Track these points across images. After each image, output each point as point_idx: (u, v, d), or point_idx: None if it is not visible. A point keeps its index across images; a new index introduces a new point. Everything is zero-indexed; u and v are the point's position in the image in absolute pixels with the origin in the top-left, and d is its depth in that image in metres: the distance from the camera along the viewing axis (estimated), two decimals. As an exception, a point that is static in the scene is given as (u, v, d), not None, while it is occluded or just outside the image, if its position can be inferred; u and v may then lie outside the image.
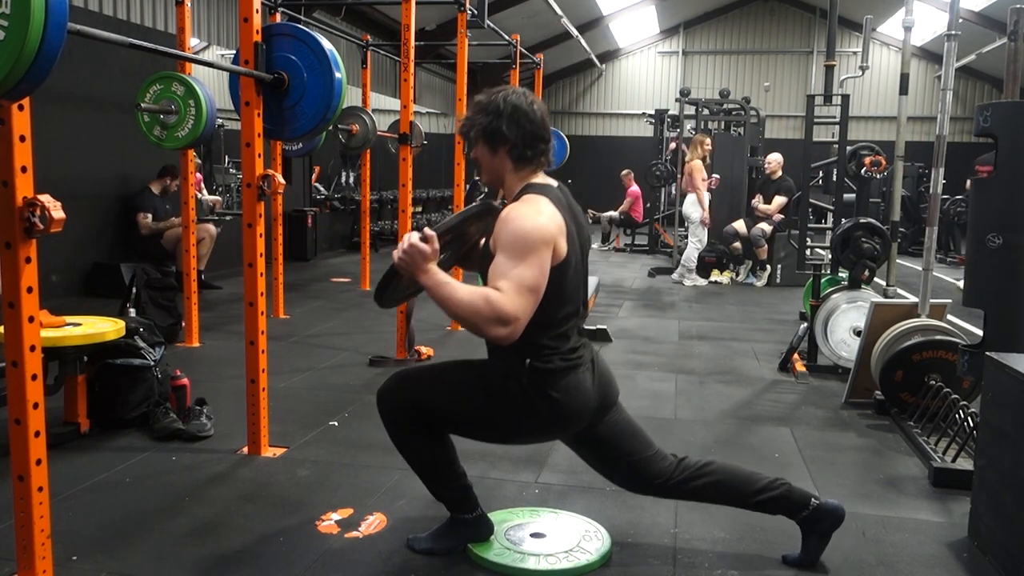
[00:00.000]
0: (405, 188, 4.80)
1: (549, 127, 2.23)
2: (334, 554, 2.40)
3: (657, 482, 2.34)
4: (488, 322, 1.96)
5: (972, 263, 3.15)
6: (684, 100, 10.98)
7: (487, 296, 1.97)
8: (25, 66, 1.70)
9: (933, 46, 16.04)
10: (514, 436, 2.37)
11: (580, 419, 2.22)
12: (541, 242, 2.02)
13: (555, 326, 2.15)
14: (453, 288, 2.00)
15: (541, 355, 2.13)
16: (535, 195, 2.13)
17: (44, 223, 1.98)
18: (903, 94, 4.63)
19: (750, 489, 2.34)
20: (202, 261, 6.51)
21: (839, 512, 2.37)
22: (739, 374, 4.82)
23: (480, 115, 2.18)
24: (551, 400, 2.14)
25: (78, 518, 2.59)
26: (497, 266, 2.02)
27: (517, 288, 1.97)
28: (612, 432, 2.32)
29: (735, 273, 8.94)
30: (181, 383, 3.59)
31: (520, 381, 2.13)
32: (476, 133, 2.20)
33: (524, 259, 2.00)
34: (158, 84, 4.59)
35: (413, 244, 2.02)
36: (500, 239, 2.05)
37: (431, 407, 2.24)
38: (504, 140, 2.16)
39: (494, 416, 2.21)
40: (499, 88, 2.23)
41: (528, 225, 2.03)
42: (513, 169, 2.20)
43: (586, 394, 2.20)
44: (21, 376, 2.02)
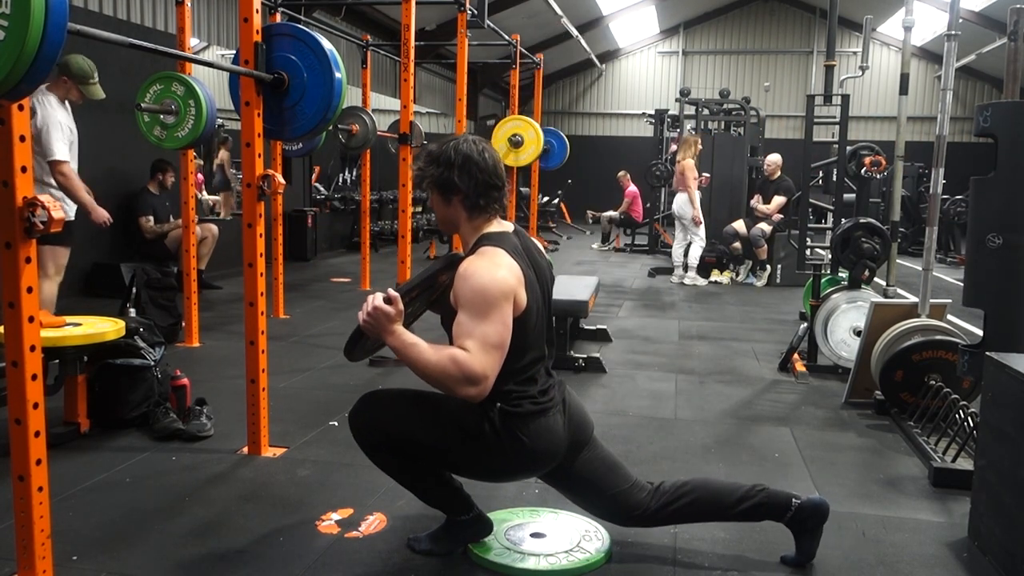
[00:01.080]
0: (405, 188, 4.80)
1: (502, 174, 2.24)
2: (334, 554, 2.40)
3: (636, 514, 2.34)
4: (458, 383, 1.99)
5: (972, 263, 3.15)
6: (684, 100, 10.99)
7: (454, 357, 1.99)
8: (25, 66, 1.70)
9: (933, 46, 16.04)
10: (485, 474, 2.34)
11: (551, 459, 2.23)
12: (502, 296, 2.04)
13: (523, 372, 2.17)
14: (420, 350, 2.02)
15: (510, 399, 2.15)
16: (491, 247, 2.14)
17: (44, 223, 1.98)
18: (903, 94, 4.63)
19: (729, 500, 2.34)
20: (203, 261, 6.51)
21: (823, 507, 2.36)
22: (739, 374, 4.82)
23: (431, 166, 2.20)
24: (521, 443, 2.15)
25: (78, 518, 2.59)
26: (461, 324, 2.03)
27: (483, 346, 2.00)
28: (587, 469, 2.32)
29: (735, 273, 8.94)
30: (181, 383, 3.59)
31: (493, 423, 2.14)
32: (428, 184, 2.23)
33: (486, 316, 2.01)
34: (158, 84, 4.59)
35: (377, 307, 2.04)
36: (460, 297, 2.06)
37: (401, 436, 2.23)
38: (456, 190, 2.18)
39: (466, 453, 2.20)
40: (450, 137, 2.25)
41: (486, 281, 2.04)
42: (467, 219, 2.22)
43: (557, 436, 2.21)
44: (21, 376, 2.02)
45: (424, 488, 2.34)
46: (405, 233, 4.80)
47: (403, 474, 2.32)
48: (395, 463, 2.30)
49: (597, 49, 17.66)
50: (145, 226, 6.48)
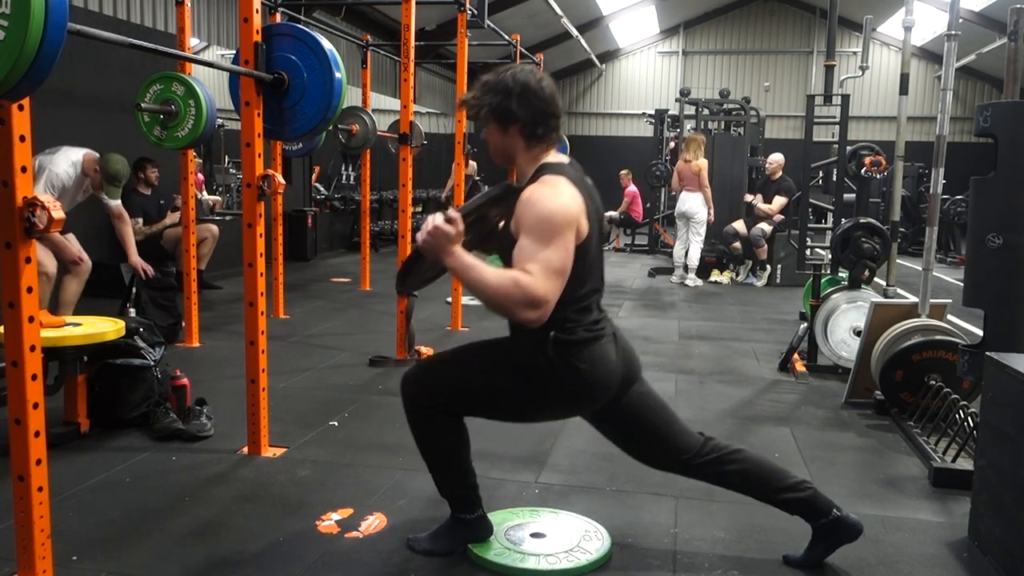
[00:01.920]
0: (405, 188, 4.80)
1: (559, 103, 2.20)
2: (334, 554, 2.40)
3: (683, 458, 2.31)
4: (519, 305, 1.95)
5: (972, 263, 3.15)
6: (684, 100, 10.99)
7: (517, 280, 1.95)
8: (25, 66, 1.70)
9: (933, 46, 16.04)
10: (541, 412, 2.33)
11: (606, 390, 2.20)
12: (565, 223, 2.01)
13: (580, 301, 2.14)
14: (481, 271, 1.99)
15: (565, 328, 2.12)
16: (553, 176, 2.11)
17: (44, 223, 1.97)
18: (903, 94, 4.63)
19: (777, 485, 2.32)
20: (203, 261, 6.50)
21: (857, 528, 2.35)
22: (739, 374, 4.82)
23: (489, 95, 2.16)
24: (577, 371, 2.12)
25: (78, 518, 2.59)
26: (523, 249, 2.00)
27: (545, 271, 1.96)
28: (637, 405, 2.30)
29: (735, 273, 8.94)
30: (181, 383, 3.59)
31: (546, 354, 2.12)
32: (486, 113, 2.18)
33: (550, 241, 1.98)
34: (158, 84, 4.59)
35: (438, 226, 1.99)
36: (524, 222, 2.03)
37: (457, 390, 2.24)
38: (515, 119, 2.14)
39: (520, 393, 2.19)
40: (506, 66, 2.21)
41: (552, 207, 2.01)
42: (525, 148, 2.19)
43: (611, 364, 2.18)
44: (21, 376, 2.02)
45: (449, 473, 2.34)
46: (405, 233, 4.80)
47: (439, 450, 2.31)
48: (438, 434, 2.28)
49: (597, 49, 17.66)
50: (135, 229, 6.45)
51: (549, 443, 3.42)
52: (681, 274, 8.68)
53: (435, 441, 2.31)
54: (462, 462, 2.33)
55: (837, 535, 2.35)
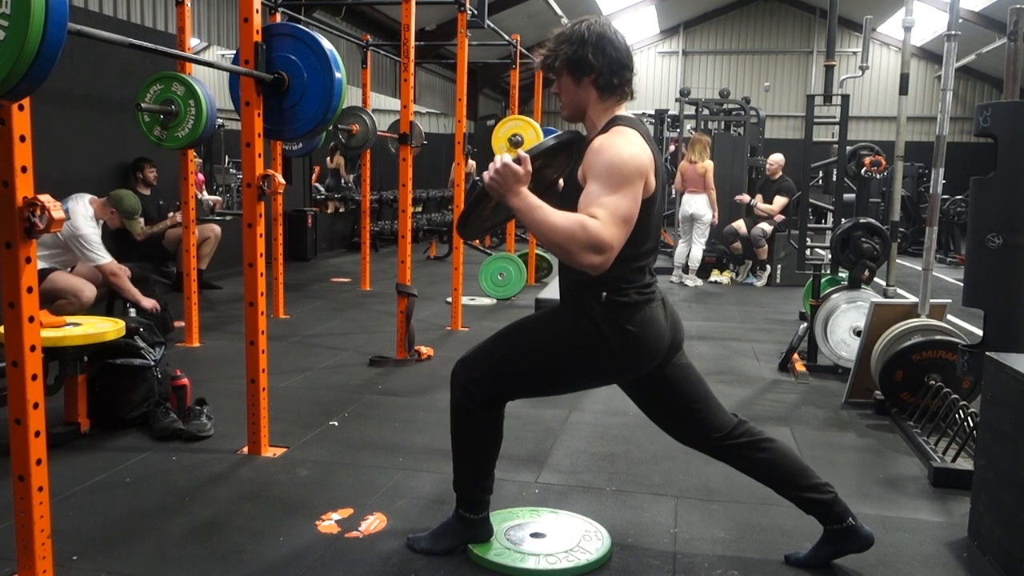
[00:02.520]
0: (405, 188, 4.80)
1: (633, 57, 2.18)
2: (334, 554, 2.40)
3: (716, 436, 2.31)
4: (583, 248, 1.92)
5: (972, 263, 3.15)
6: (684, 100, 10.98)
7: (583, 223, 1.92)
8: (25, 66, 1.70)
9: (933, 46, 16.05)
10: (589, 378, 2.29)
11: (654, 355, 2.18)
12: (636, 173, 1.99)
13: (637, 259, 2.12)
14: (547, 212, 1.96)
15: (619, 289, 2.10)
16: (626, 127, 2.09)
17: (44, 223, 1.98)
18: (903, 94, 4.63)
19: (802, 483, 2.31)
20: (204, 261, 6.50)
21: (868, 540, 2.34)
22: (739, 374, 4.82)
23: (564, 44, 2.14)
24: (628, 334, 2.11)
25: (78, 518, 2.59)
26: (591, 194, 1.98)
27: (613, 217, 1.94)
28: (678, 376, 2.29)
29: (735, 273, 8.94)
30: (181, 383, 3.59)
31: (594, 318, 2.10)
32: (561, 63, 2.14)
33: (619, 189, 1.96)
34: (158, 84, 4.59)
35: (507, 164, 1.98)
36: (594, 168, 2.01)
37: (512, 370, 2.22)
38: (590, 69, 2.12)
39: (571, 360, 2.16)
40: (579, 18, 2.19)
41: (624, 155, 1.99)
42: (598, 99, 2.16)
43: (660, 329, 2.17)
44: (21, 376, 2.02)
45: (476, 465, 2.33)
46: (405, 233, 4.80)
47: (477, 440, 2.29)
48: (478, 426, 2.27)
49: (597, 49, 17.62)
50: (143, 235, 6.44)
51: (549, 443, 3.42)
52: (680, 274, 8.68)
53: (473, 434, 2.29)
54: (489, 461, 2.33)
55: (847, 543, 2.34)
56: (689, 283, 8.54)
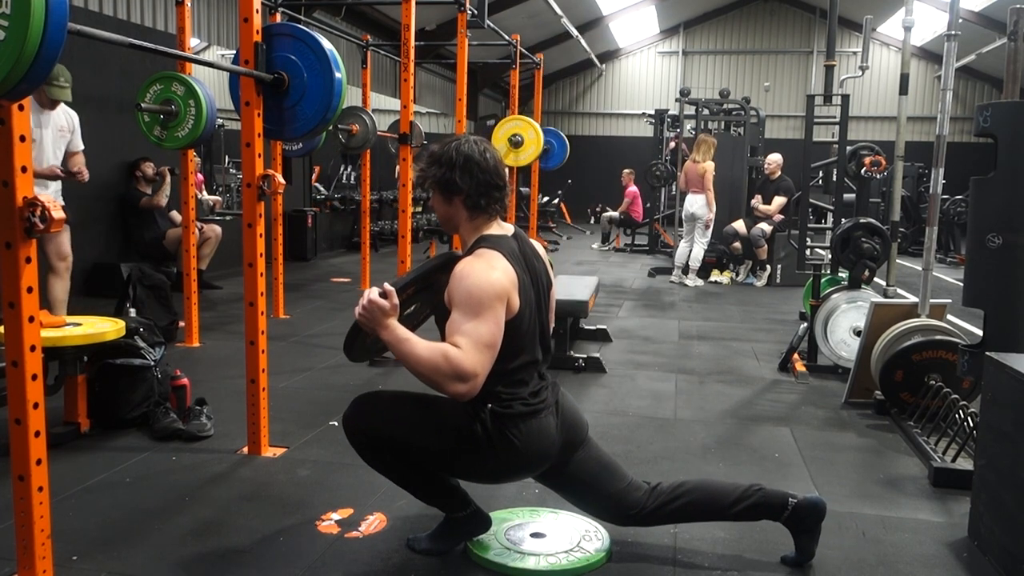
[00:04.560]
0: (405, 188, 4.80)
1: (504, 174, 2.25)
2: (334, 554, 2.40)
3: (632, 513, 2.34)
4: (447, 379, 2.00)
5: (972, 263, 3.16)
6: (684, 100, 10.98)
7: (446, 353, 2.00)
8: (25, 66, 1.70)
9: (933, 46, 16.04)
10: (479, 476, 2.34)
11: (543, 460, 2.24)
12: (495, 297, 2.05)
13: (511, 375, 2.17)
14: (412, 345, 2.04)
15: (501, 401, 2.15)
16: (488, 249, 2.15)
17: (44, 223, 1.98)
18: (903, 94, 4.63)
19: (726, 502, 2.35)
20: (204, 261, 6.51)
21: (819, 505, 2.36)
22: (739, 374, 4.82)
23: (433, 167, 2.22)
24: (511, 444, 2.15)
25: (78, 518, 2.59)
26: (454, 322, 2.05)
27: (475, 344, 2.01)
28: (581, 470, 2.33)
29: (735, 273, 8.94)
30: (181, 383, 3.59)
31: (483, 424, 2.15)
32: (430, 184, 2.24)
33: (479, 315, 2.03)
34: (158, 84, 4.59)
35: (372, 300, 2.06)
36: (455, 296, 2.07)
37: (394, 439, 2.24)
38: (457, 190, 2.20)
39: (458, 455, 2.21)
40: (452, 138, 2.26)
41: (481, 281, 2.05)
42: (468, 218, 2.24)
43: (548, 437, 2.21)
44: (21, 376, 2.02)
45: (419, 487, 2.35)
46: (405, 233, 4.80)
47: (398, 474, 2.33)
48: (389, 463, 2.30)
49: (597, 49, 17.66)
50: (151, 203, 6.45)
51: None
52: (680, 274, 8.68)
53: (391, 469, 2.32)
54: (427, 475, 2.33)
55: (804, 520, 2.35)
56: (689, 283, 8.54)
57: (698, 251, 8.59)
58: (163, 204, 6.45)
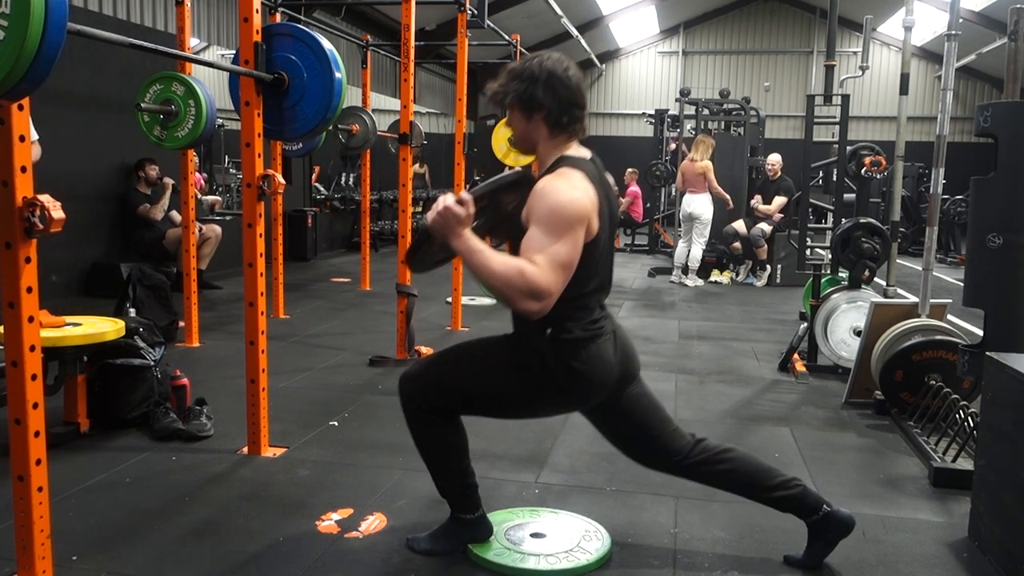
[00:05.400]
0: (405, 188, 4.80)
1: (585, 94, 2.19)
2: (334, 554, 2.40)
3: (674, 459, 2.33)
4: (521, 295, 1.95)
5: (972, 263, 3.15)
6: (684, 100, 10.98)
7: (522, 269, 1.95)
8: (25, 66, 1.70)
9: (933, 46, 16.04)
10: (537, 409, 2.34)
11: (602, 389, 2.20)
12: (577, 218, 2.01)
13: (581, 299, 2.13)
14: (487, 256, 1.98)
15: (563, 326, 2.12)
16: (570, 168, 2.10)
17: (44, 223, 1.97)
18: (903, 94, 4.63)
19: (766, 484, 2.34)
20: (204, 261, 6.51)
21: (848, 522, 2.36)
22: (739, 374, 4.82)
23: (515, 81, 2.15)
24: (572, 370, 2.13)
25: (78, 518, 2.59)
26: (532, 239, 2.00)
27: (551, 263, 1.96)
28: (632, 406, 2.30)
29: (735, 273, 8.94)
30: (181, 383, 3.59)
31: (541, 353, 2.12)
32: (511, 99, 2.16)
33: (560, 235, 1.98)
34: (158, 84, 4.59)
35: (448, 207, 1.99)
36: (535, 212, 2.02)
37: (455, 389, 2.24)
38: (540, 106, 2.13)
39: (517, 390, 2.19)
40: (534, 54, 2.20)
41: (565, 200, 2.01)
42: (548, 136, 2.17)
43: (607, 364, 2.18)
44: (21, 376, 2.02)
45: (448, 472, 2.34)
46: (405, 233, 4.80)
47: (438, 450, 2.31)
48: (436, 434, 2.28)
49: (597, 49, 17.65)
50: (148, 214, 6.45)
51: (549, 443, 3.42)
52: (679, 274, 8.69)
53: (433, 442, 2.31)
54: (461, 462, 2.33)
55: (830, 530, 2.35)
56: (689, 283, 8.55)
57: (697, 251, 8.59)
58: (158, 217, 6.44)
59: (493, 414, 2.34)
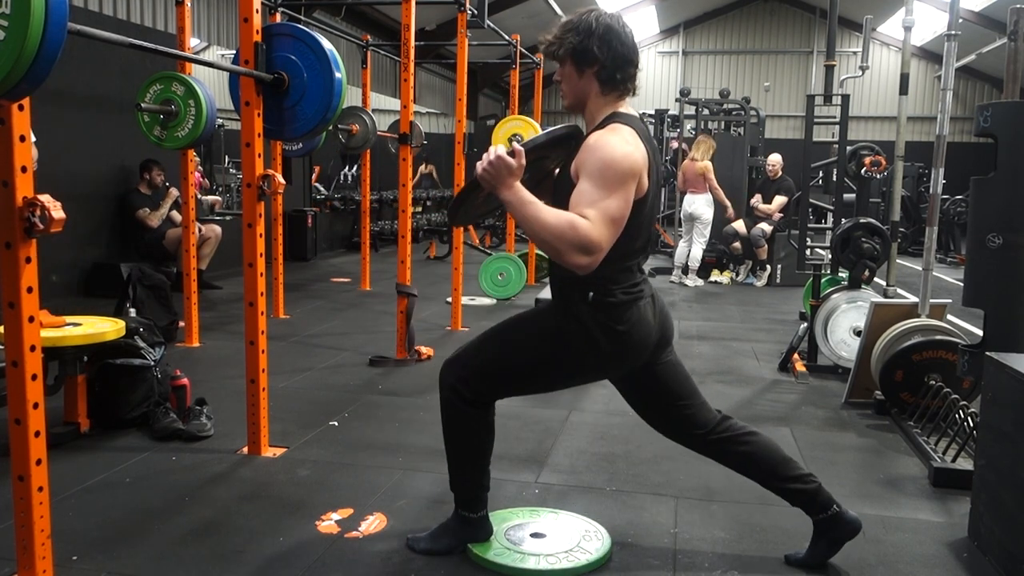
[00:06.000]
0: (405, 188, 4.80)
1: (639, 53, 2.17)
2: (334, 554, 2.40)
3: (698, 432, 2.32)
4: (571, 248, 1.92)
5: (972, 263, 3.15)
6: (684, 100, 10.98)
7: (573, 222, 1.92)
8: (25, 66, 1.70)
9: (933, 46, 16.04)
10: (580, 376, 2.30)
11: (641, 352, 2.19)
12: (629, 174, 1.99)
13: (626, 259, 2.12)
14: (538, 208, 1.96)
15: (606, 289, 2.10)
16: (622, 124, 2.08)
17: (44, 223, 1.97)
18: (903, 94, 4.63)
19: (784, 473, 2.33)
20: (204, 261, 6.51)
21: (855, 524, 2.36)
22: (739, 374, 4.82)
23: (570, 34, 2.12)
24: (615, 333, 2.11)
25: (78, 518, 2.59)
26: (583, 193, 1.97)
27: (603, 218, 1.94)
28: (666, 373, 2.30)
29: (735, 273, 8.94)
30: (181, 383, 3.59)
31: (582, 317, 2.10)
32: (565, 52, 2.12)
33: (612, 189, 1.96)
34: (158, 84, 4.59)
35: (500, 156, 1.97)
36: (587, 166, 2.00)
37: (500, 370, 2.22)
38: (593, 60, 2.09)
39: (559, 359, 2.17)
40: (589, 7, 2.17)
41: (618, 155, 1.98)
42: (599, 92, 2.14)
43: (648, 327, 2.17)
44: (21, 376, 2.02)
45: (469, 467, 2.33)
46: (405, 233, 4.80)
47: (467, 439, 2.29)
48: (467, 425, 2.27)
49: (597, 49, 17.62)
50: (145, 219, 6.45)
51: (549, 443, 3.42)
52: (680, 274, 8.68)
53: (464, 434, 2.29)
54: (483, 460, 2.33)
55: (836, 531, 2.35)
56: (689, 283, 8.55)
57: (697, 251, 8.59)
58: (155, 225, 6.44)
59: (536, 389, 2.34)
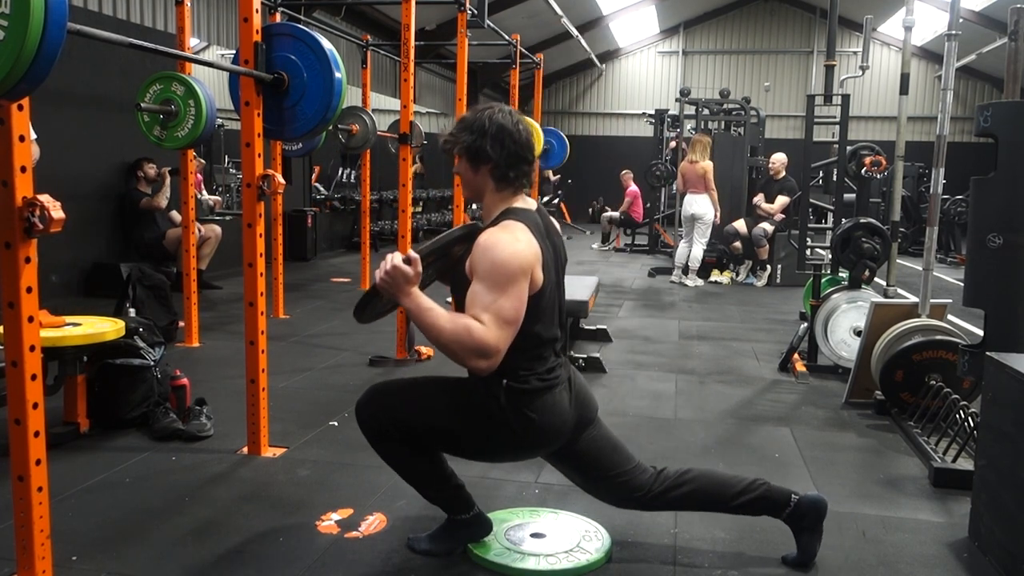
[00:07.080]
0: (405, 188, 4.80)
1: (533, 149, 2.22)
2: (334, 554, 2.40)
3: (637, 495, 2.34)
4: (470, 353, 1.99)
5: (972, 263, 3.15)
6: (684, 100, 10.98)
7: (469, 328, 1.98)
8: (25, 66, 1.70)
9: (933, 46, 16.05)
10: (492, 454, 2.36)
11: (558, 437, 2.23)
12: (519, 272, 2.03)
13: (530, 350, 2.15)
14: (436, 315, 2.01)
15: (518, 376, 2.14)
16: (513, 221, 2.12)
17: (44, 223, 1.97)
18: (903, 94, 4.63)
19: (730, 493, 2.35)
20: (204, 261, 6.51)
21: (820, 504, 2.37)
22: (739, 374, 4.82)
23: (464, 133, 2.18)
24: (528, 419, 2.14)
25: (78, 518, 2.59)
26: (476, 295, 2.02)
27: (497, 320, 1.99)
28: (591, 448, 2.32)
29: (735, 273, 8.94)
30: (181, 383, 3.59)
31: (498, 400, 2.13)
32: (460, 150, 2.20)
33: (503, 290, 2.00)
34: (158, 84, 4.59)
35: (396, 266, 2.02)
36: (478, 267, 2.04)
37: (407, 423, 2.23)
38: (487, 159, 2.15)
39: (473, 434, 2.20)
40: (485, 106, 2.22)
41: (507, 254, 2.02)
42: (495, 189, 2.20)
43: (563, 412, 2.20)
44: (21, 376, 2.02)
45: (427, 483, 2.33)
46: (405, 233, 4.80)
47: (407, 467, 2.30)
48: (401, 454, 2.27)
49: (597, 49, 17.66)
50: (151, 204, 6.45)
51: (549, 443, 3.41)
52: (680, 274, 8.68)
53: (398, 460, 2.30)
54: (437, 471, 2.32)
55: (807, 518, 2.36)
56: (689, 283, 8.55)
57: (697, 251, 8.59)
58: (163, 206, 6.46)
59: (446, 452, 2.32)
